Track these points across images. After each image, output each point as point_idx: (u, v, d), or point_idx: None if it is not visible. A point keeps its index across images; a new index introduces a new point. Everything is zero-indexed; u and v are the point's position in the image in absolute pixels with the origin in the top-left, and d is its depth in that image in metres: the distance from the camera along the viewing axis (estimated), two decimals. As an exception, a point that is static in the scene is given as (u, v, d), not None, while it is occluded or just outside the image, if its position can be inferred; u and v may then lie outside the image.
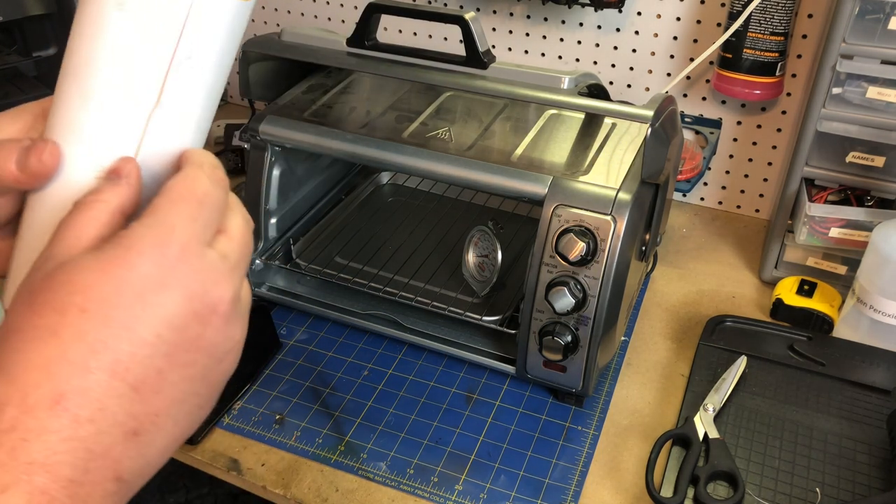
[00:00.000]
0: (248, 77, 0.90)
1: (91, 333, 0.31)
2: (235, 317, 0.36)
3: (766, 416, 0.81)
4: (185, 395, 0.34)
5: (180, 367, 0.33)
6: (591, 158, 0.81)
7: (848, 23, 0.82)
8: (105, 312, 0.31)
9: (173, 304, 0.32)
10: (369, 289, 0.91)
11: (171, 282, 0.32)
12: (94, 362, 0.30)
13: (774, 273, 1.01)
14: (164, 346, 0.32)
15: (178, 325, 0.32)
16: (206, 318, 0.34)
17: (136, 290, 0.31)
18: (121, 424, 0.31)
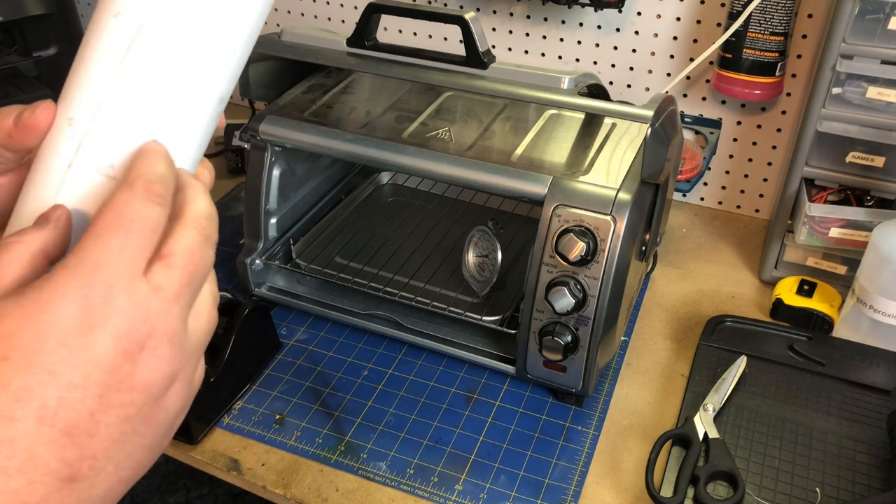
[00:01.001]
0: (248, 77, 0.90)
1: (14, 381, 0.29)
2: (175, 351, 0.33)
3: (766, 416, 0.81)
4: (123, 436, 0.32)
5: (115, 407, 0.32)
6: (591, 158, 0.81)
7: (848, 23, 0.82)
8: (28, 359, 0.29)
9: (100, 344, 0.31)
10: (369, 289, 0.91)
11: (96, 322, 0.31)
12: (20, 411, 0.29)
13: (774, 273, 1.01)
14: (95, 387, 0.31)
15: (107, 366, 0.31)
16: (135, 355, 0.32)
17: (60, 334, 0.30)
18: (54, 472, 0.30)
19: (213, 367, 0.81)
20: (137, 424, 0.33)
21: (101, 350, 0.31)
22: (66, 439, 0.30)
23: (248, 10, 0.39)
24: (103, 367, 0.31)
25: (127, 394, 0.32)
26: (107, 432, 0.31)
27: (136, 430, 0.33)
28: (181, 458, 0.81)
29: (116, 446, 0.32)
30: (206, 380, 0.80)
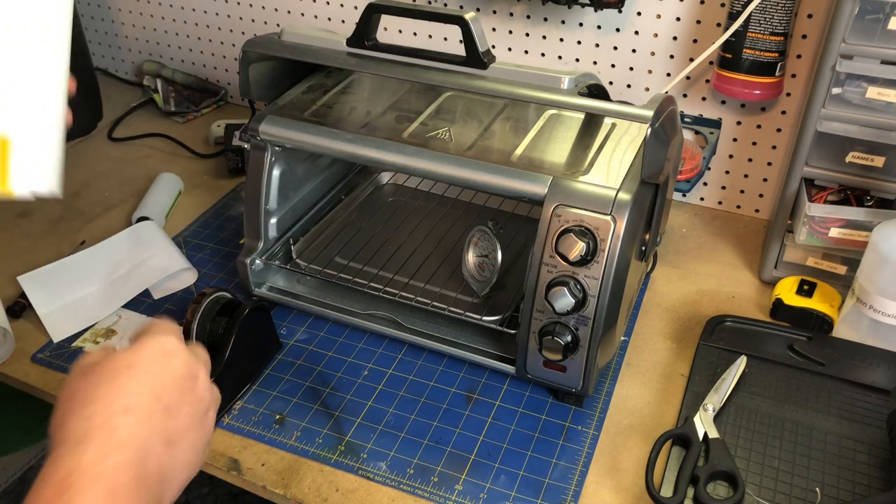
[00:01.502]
0: (248, 77, 0.90)
1: (137, 377, 0.50)
2: (208, 389, 0.55)
3: (765, 416, 0.81)
4: (192, 424, 0.52)
5: (187, 403, 0.52)
6: (590, 158, 0.81)
7: (848, 23, 0.82)
8: (145, 367, 0.51)
9: (176, 367, 0.52)
10: (369, 289, 0.91)
11: (174, 355, 0.53)
12: (143, 390, 0.50)
13: (774, 273, 1.01)
14: (177, 388, 0.51)
15: (183, 377, 0.52)
16: (194, 378, 0.54)
17: (158, 356, 0.52)
18: (161, 433, 0.49)
19: (214, 367, 0.81)
20: (198, 420, 0.52)
21: (177, 370, 0.52)
22: (167, 413, 0.49)
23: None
24: (179, 378, 0.52)
25: (190, 396, 0.52)
26: (184, 418, 0.51)
27: (196, 425, 0.52)
28: (181, 458, 0.81)
29: (190, 431, 0.51)
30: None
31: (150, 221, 1.11)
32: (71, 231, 1.14)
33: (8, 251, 1.10)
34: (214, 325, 0.83)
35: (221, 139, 1.34)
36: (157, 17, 1.49)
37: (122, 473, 0.44)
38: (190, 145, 1.35)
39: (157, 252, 1.04)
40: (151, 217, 1.12)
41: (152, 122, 1.44)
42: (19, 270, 1.03)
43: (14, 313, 0.97)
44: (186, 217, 1.17)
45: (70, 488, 0.41)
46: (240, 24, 1.42)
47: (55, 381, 0.88)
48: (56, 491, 0.41)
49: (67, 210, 1.19)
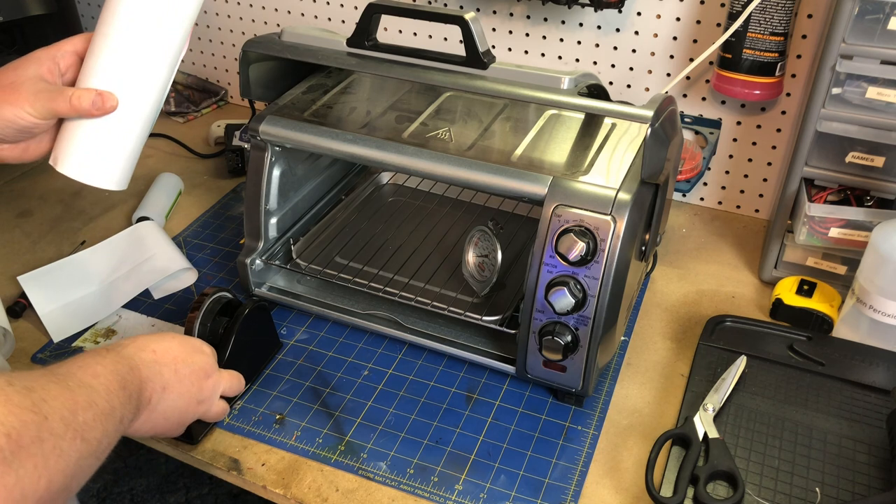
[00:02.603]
0: (248, 77, 0.90)
1: (175, 346, 0.71)
2: (212, 391, 0.76)
3: (765, 416, 0.81)
4: (184, 396, 0.70)
5: (191, 383, 0.71)
6: (590, 158, 0.81)
7: (848, 23, 0.82)
8: (182, 347, 0.73)
9: (199, 361, 0.73)
10: (369, 289, 0.91)
11: (203, 355, 0.75)
12: (173, 353, 0.70)
13: (774, 273, 1.01)
14: (191, 370, 0.72)
15: (199, 367, 0.73)
16: (207, 375, 0.74)
17: (195, 348, 0.74)
18: (161, 380, 0.67)
19: (214, 367, 0.81)
20: (189, 398, 0.71)
21: (198, 361, 0.73)
22: (175, 375, 0.70)
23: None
24: (197, 367, 0.73)
25: (197, 383, 0.72)
26: (182, 388, 0.70)
27: (186, 400, 0.71)
28: (181, 458, 0.81)
29: (179, 398, 0.70)
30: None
31: (151, 221, 1.11)
32: (71, 231, 1.14)
33: (8, 251, 1.10)
34: (215, 325, 0.83)
35: (221, 139, 1.34)
36: (157, 17, 1.49)
37: (110, 375, 0.59)
38: (190, 145, 1.35)
39: (157, 252, 1.04)
40: (151, 217, 1.12)
41: (152, 122, 1.44)
42: (19, 270, 1.04)
43: (14, 313, 0.97)
44: (186, 217, 1.17)
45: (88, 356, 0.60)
46: (240, 24, 1.42)
47: (55, 381, 0.88)
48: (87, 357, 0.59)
49: (67, 210, 1.19)
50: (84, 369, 0.56)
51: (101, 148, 0.70)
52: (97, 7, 1.55)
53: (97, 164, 0.71)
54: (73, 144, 0.70)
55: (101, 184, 0.71)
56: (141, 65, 0.69)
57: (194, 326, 0.81)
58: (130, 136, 0.71)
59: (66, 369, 0.55)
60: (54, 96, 0.67)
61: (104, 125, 0.69)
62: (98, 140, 0.70)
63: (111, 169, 0.72)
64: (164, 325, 0.96)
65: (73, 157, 0.70)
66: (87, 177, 0.71)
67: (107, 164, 0.71)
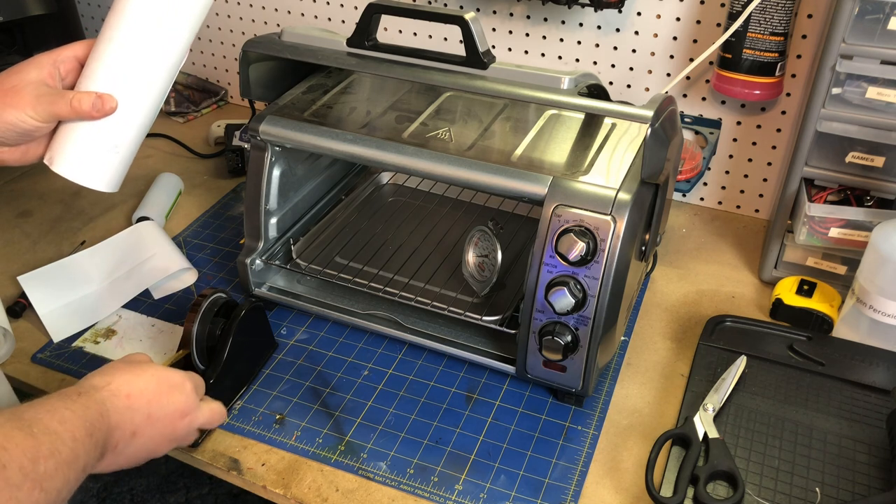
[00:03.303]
0: (248, 77, 0.90)
1: (149, 386, 0.68)
2: (188, 432, 0.72)
3: (765, 416, 0.81)
4: (157, 440, 0.67)
5: (164, 426, 0.68)
6: (590, 158, 0.81)
7: (848, 23, 0.82)
8: (157, 387, 0.69)
9: (176, 400, 0.70)
10: (369, 289, 0.91)
11: (181, 393, 0.70)
12: (146, 394, 0.67)
13: (774, 273, 1.01)
14: (166, 413, 0.68)
15: (174, 409, 0.69)
16: (183, 415, 0.70)
17: (172, 386, 0.70)
18: (131, 423, 0.64)
19: (213, 368, 0.81)
20: (161, 441, 0.68)
21: (175, 401, 0.70)
22: (147, 418, 0.67)
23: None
24: (172, 409, 0.69)
25: (171, 424, 0.69)
26: (155, 431, 0.67)
27: (159, 444, 0.68)
28: (181, 458, 0.81)
29: (152, 440, 0.67)
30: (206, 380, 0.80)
31: (151, 221, 1.11)
32: (71, 231, 1.14)
33: (8, 251, 1.10)
34: (213, 327, 0.83)
35: (221, 139, 1.34)
36: (157, 17, 1.49)
37: (78, 422, 0.57)
38: (190, 145, 1.35)
39: (157, 252, 1.04)
40: (151, 217, 1.12)
41: (152, 122, 1.44)
42: (19, 270, 1.04)
43: (14, 313, 0.97)
44: (186, 217, 1.17)
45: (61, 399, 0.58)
46: (240, 24, 1.42)
47: (55, 381, 0.88)
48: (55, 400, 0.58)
49: (67, 210, 1.19)
50: (52, 414, 0.55)
51: (96, 149, 0.70)
52: (97, 7, 1.55)
53: (91, 165, 0.71)
54: (69, 144, 0.70)
55: (93, 184, 0.71)
56: (140, 69, 0.70)
57: (193, 329, 0.81)
58: (126, 139, 0.72)
59: (34, 413, 0.54)
60: (55, 99, 0.68)
61: (100, 127, 0.70)
62: (93, 141, 0.70)
63: (104, 170, 0.72)
64: (165, 325, 0.96)
65: (67, 156, 0.70)
66: (80, 177, 0.71)
67: (100, 166, 0.71)
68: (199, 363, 0.82)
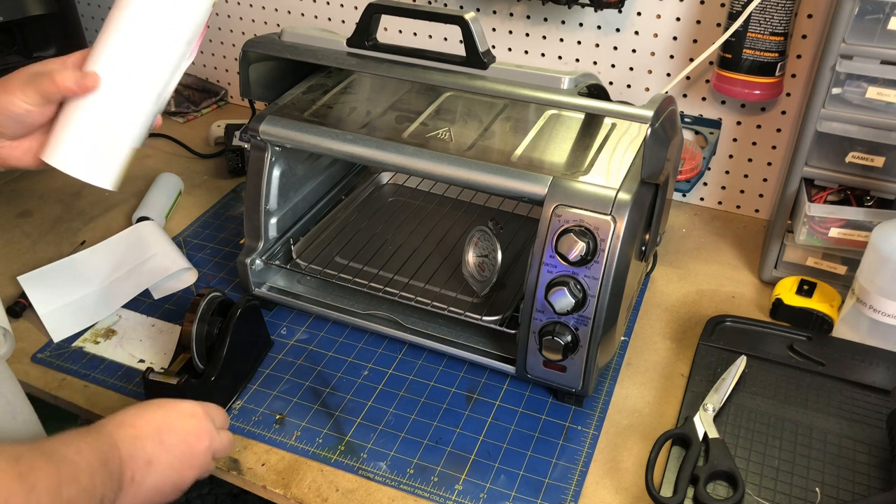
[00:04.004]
0: (248, 77, 0.90)
1: (157, 414, 0.66)
2: (206, 457, 0.68)
3: (765, 416, 0.81)
4: (174, 466, 0.65)
5: (180, 452, 0.66)
6: (590, 158, 0.81)
7: (848, 23, 0.82)
8: (166, 415, 0.67)
9: (190, 426, 0.68)
10: (369, 289, 0.91)
11: (194, 419, 0.68)
12: (155, 422, 0.65)
13: (774, 273, 1.01)
14: (179, 438, 0.66)
15: (186, 433, 0.67)
16: (199, 439, 0.68)
17: (183, 412, 0.68)
18: (145, 454, 0.63)
19: (212, 368, 0.81)
20: (180, 468, 0.66)
21: (189, 427, 0.67)
22: (161, 446, 0.64)
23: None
24: (185, 433, 0.67)
25: (187, 450, 0.66)
26: (171, 459, 0.65)
27: (178, 469, 0.65)
28: (181, 458, 0.81)
29: (168, 469, 0.64)
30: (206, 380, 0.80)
31: (151, 221, 1.11)
32: (71, 231, 1.14)
33: (8, 251, 1.10)
34: (210, 327, 0.83)
35: (221, 139, 1.34)
36: (157, 17, 1.49)
37: (92, 453, 0.57)
38: (190, 145, 1.35)
39: (157, 252, 1.04)
40: (151, 217, 1.12)
41: (152, 122, 1.44)
42: (19, 270, 1.03)
43: (14, 313, 0.97)
44: (186, 217, 1.17)
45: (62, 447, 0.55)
46: (240, 24, 1.42)
47: (55, 381, 0.88)
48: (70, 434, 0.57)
49: (67, 210, 1.19)
50: (67, 445, 0.55)
51: (89, 141, 0.70)
52: (97, 7, 1.55)
53: (82, 156, 0.70)
54: (62, 135, 0.70)
55: (85, 176, 0.70)
56: (135, 60, 0.70)
57: (192, 330, 0.81)
58: (122, 132, 0.71)
59: (51, 445, 0.54)
60: (41, 79, 0.68)
61: (95, 118, 0.69)
62: (86, 132, 0.70)
63: (98, 163, 0.71)
64: (165, 325, 0.96)
65: (59, 147, 0.69)
66: (71, 167, 0.70)
67: (95, 159, 0.70)
68: (199, 363, 0.82)
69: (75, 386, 0.87)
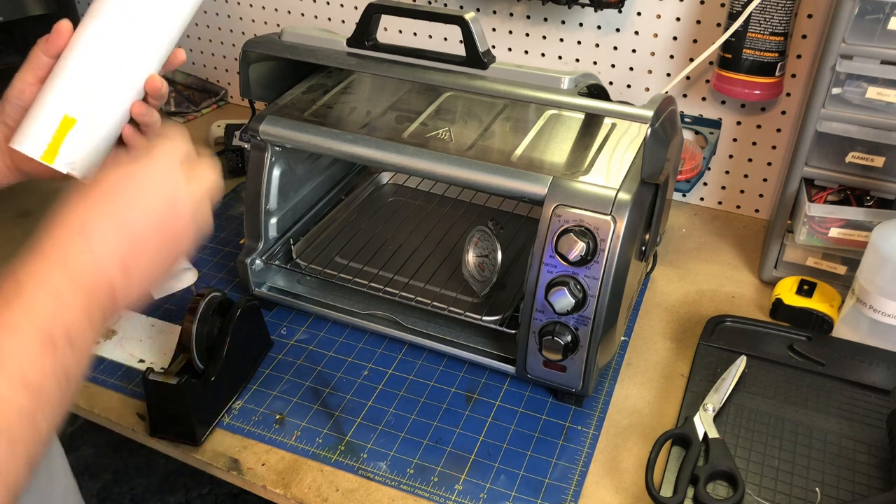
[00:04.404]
0: (248, 77, 0.90)
1: (110, 205, 0.52)
2: (189, 222, 0.56)
3: (765, 416, 0.81)
4: (156, 258, 0.54)
5: (157, 241, 0.54)
6: (590, 158, 0.81)
7: (848, 23, 0.82)
8: (122, 196, 0.53)
9: (162, 200, 0.54)
10: (369, 289, 0.91)
11: (165, 186, 0.55)
12: (107, 218, 0.51)
13: (774, 273, 1.01)
14: (150, 224, 0.53)
15: (162, 216, 0.54)
16: (178, 218, 0.55)
17: (143, 185, 0.54)
18: (118, 260, 0.51)
19: (212, 368, 0.81)
20: (166, 257, 0.55)
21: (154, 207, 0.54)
22: (130, 245, 0.52)
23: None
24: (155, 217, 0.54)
25: (165, 235, 0.54)
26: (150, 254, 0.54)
27: (164, 260, 0.55)
28: (182, 459, 0.81)
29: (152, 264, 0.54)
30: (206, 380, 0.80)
31: (150, 221, 1.11)
32: (71, 231, 1.14)
33: (8, 251, 1.10)
34: (210, 327, 0.83)
35: (221, 139, 1.34)
36: (157, 17, 1.49)
37: (67, 282, 0.49)
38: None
39: (157, 252, 1.03)
40: (151, 217, 1.12)
41: (152, 122, 1.44)
42: (19, 270, 1.03)
43: (14, 313, 0.97)
44: (186, 217, 1.17)
45: (21, 287, 0.48)
46: (240, 24, 1.42)
47: (55, 381, 0.88)
48: (13, 289, 0.48)
49: (67, 210, 1.19)
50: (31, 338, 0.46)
51: (46, 119, 0.66)
52: (97, 7, 1.55)
53: (36, 136, 0.67)
54: (24, 121, 0.68)
55: (32, 152, 0.67)
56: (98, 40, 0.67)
57: (192, 330, 0.81)
58: (83, 112, 0.67)
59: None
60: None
61: (51, 97, 0.67)
62: (43, 111, 0.67)
63: (50, 142, 0.67)
64: (165, 325, 0.96)
65: (20, 130, 0.67)
66: (27, 148, 0.67)
67: (46, 136, 0.67)
68: (199, 363, 0.82)
69: (75, 386, 0.87)
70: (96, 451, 1.67)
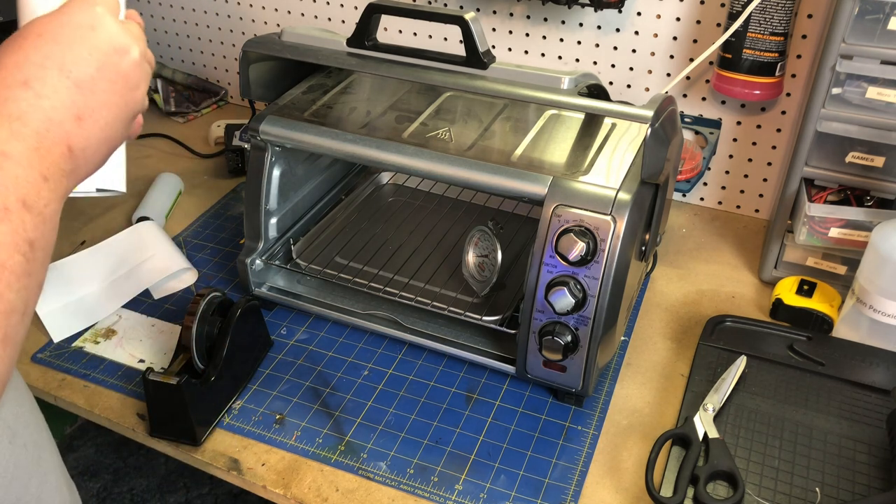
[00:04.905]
0: (248, 77, 0.90)
1: (44, 47, 0.47)
2: (143, 65, 0.53)
3: (765, 416, 0.81)
4: (111, 101, 0.50)
5: (107, 81, 0.50)
6: (590, 158, 0.81)
7: (848, 23, 0.82)
8: (54, 36, 0.48)
9: (100, 39, 0.49)
10: (369, 289, 0.91)
11: (99, 27, 0.50)
12: (48, 62, 0.47)
13: (774, 273, 1.01)
14: (95, 62, 0.49)
15: (105, 52, 0.50)
16: (120, 52, 0.51)
17: (75, 27, 0.49)
18: (68, 108, 0.47)
19: (212, 368, 0.81)
20: (119, 98, 0.51)
21: (100, 43, 0.49)
22: (77, 88, 0.48)
23: None
24: (101, 52, 0.49)
25: (114, 74, 0.50)
26: (101, 95, 0.49)
27: (118, 103, 0.51)
28: (182, 458, 0.81)
29: (106, 108, 0.50)
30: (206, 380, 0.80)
31: (151, 221, 1.11)
32: (71, 231, 1.14)
33: None
34: (210, 327, 0.83)
35: (221, 139, 1.34)
36: (157, 17, 1.49)
37: (16, 143, 0.44)
38: (190, 145, 1.35)
39: (157, 252, 1.04)
40: (151, 217, 1.12)
41: (152, 122, 1.44)
42: (19, 270, 1.03)
43: (14, 313, 0.97)
44: (186, 217, 1.17)
45: None
46: (240, 24, 1.42)
47: (55, 381, 0.88)
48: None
49: (67, 210, 1.18)
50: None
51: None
52: (97, 7, 1.55)
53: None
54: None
55: (104, 184, 0.64)
56: None
57: (192, 330, 0.81)
58: None
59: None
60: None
61: None
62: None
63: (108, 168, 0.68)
64: (165, 325, 0.96)
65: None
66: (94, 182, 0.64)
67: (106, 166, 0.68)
68: (199, 363, 0.82)
69: (75, 386, 0.87)
70: (96, 451, 1.67)
